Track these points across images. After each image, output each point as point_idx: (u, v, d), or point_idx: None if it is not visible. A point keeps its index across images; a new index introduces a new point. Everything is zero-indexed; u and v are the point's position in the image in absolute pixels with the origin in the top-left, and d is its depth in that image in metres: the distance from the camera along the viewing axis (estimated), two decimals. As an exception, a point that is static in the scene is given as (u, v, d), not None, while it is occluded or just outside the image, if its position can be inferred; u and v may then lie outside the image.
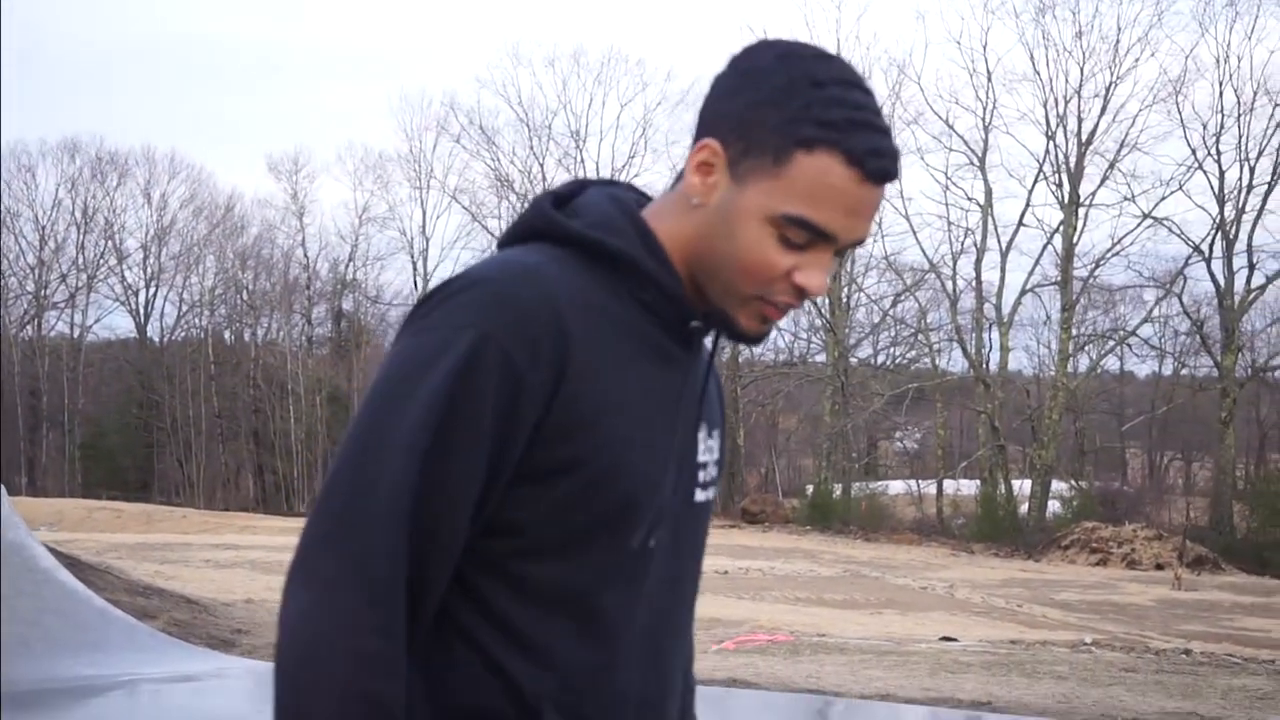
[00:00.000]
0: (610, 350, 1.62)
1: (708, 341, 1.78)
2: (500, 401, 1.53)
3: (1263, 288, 42.20)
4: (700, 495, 1.77)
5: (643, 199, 1.76)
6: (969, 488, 44.58)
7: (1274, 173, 41.46)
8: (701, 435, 1.78)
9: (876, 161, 1.60)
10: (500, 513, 1.58)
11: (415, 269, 49.99)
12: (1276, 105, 41.41)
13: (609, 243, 1.65)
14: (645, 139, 49.52)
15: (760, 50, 1.66)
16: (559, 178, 49.11)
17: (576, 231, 1.65)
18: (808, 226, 1.59)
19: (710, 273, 1.67)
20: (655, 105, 49.70)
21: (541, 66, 58.32)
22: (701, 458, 1.77)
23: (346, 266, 55.81)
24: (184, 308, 55.80)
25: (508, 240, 1.70)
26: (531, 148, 49.02)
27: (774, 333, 1.52)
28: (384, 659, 1.49)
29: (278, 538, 27.24)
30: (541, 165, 48.96)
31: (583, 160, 48.99)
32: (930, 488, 45.93)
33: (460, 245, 50.95)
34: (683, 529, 1.74)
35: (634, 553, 1.65)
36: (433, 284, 1.62)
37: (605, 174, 49.10)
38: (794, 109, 1.59)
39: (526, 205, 1.73)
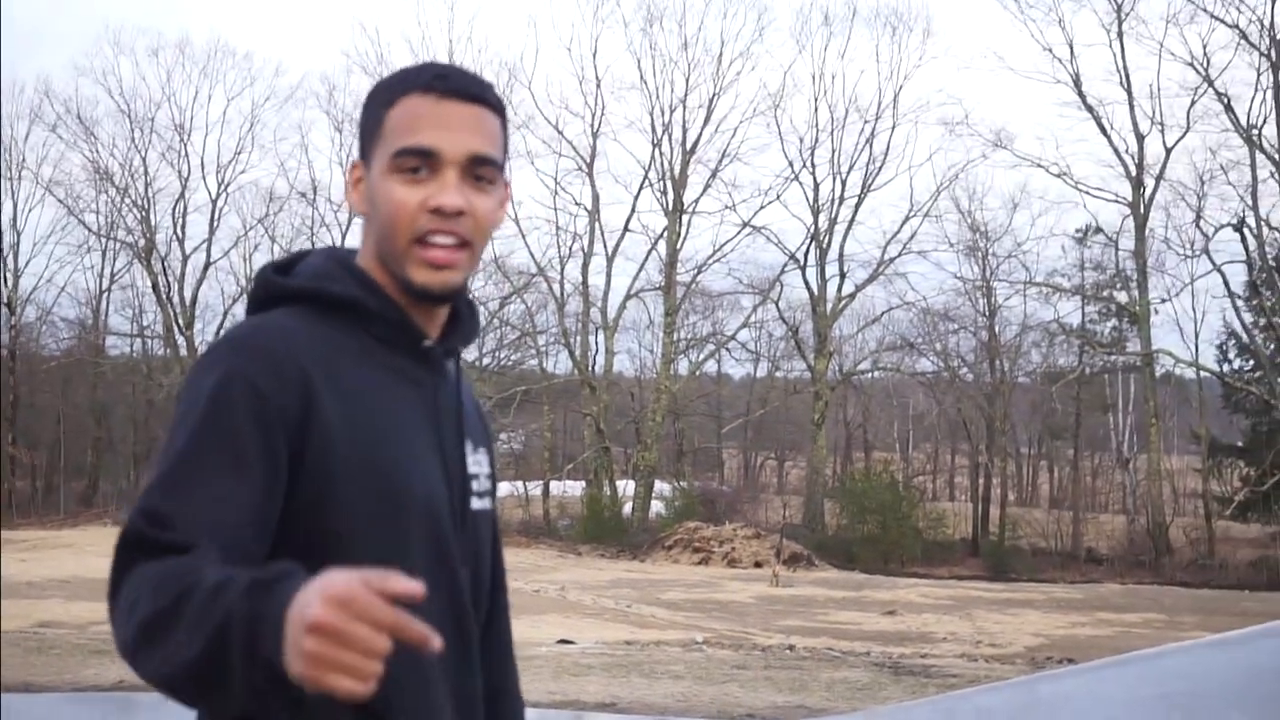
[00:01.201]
0: (356, 381, 1.79)
1: (452, 364, 1.97)
2: (254, 422, 1.68)
3: (852, 295, 44.31)
4: (477, 504, 1.94)
5: (354, 252, 1.95)
6: (575, 489, 45.08)
7: (863, 186, 43.71)
8: (468, 449, 1.95)
9: (443, 83, 1.84)
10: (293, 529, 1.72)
11: (4, 264, 46.91)
12: (866, 122, 43.67)
13: (328, 290, 1.83)
14: (253, 135, 47.85)
15: None
16: (162, 171, 47.04)
17: (297, 287, 1.84)
18: (409, 151, 1.81)
19: (384, 256, 1.85)
20: (264, 100, 47.96)
21: (145, 56, 56.00)
22: (471, 470, 1.95)
23: (-80, 259, 51.91)
24: None
25: (247, 312, 1.88)
26: (133, 140, 46.72)
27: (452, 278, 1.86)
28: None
29: None
30: (144, 159, 46.74)
31: (187, 155, 47.04)
32: (537, 490, 46.23)
33: (55, 240, 48.19)
34: (465, 538, 1.90)
35: (417, 563, 1.75)
36: None
37: (210, 169, 47.50)
38: (377, 92, 1.89)
39: (254, 277, 1.92)
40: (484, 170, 1.84)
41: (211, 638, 1.44)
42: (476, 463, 1.97)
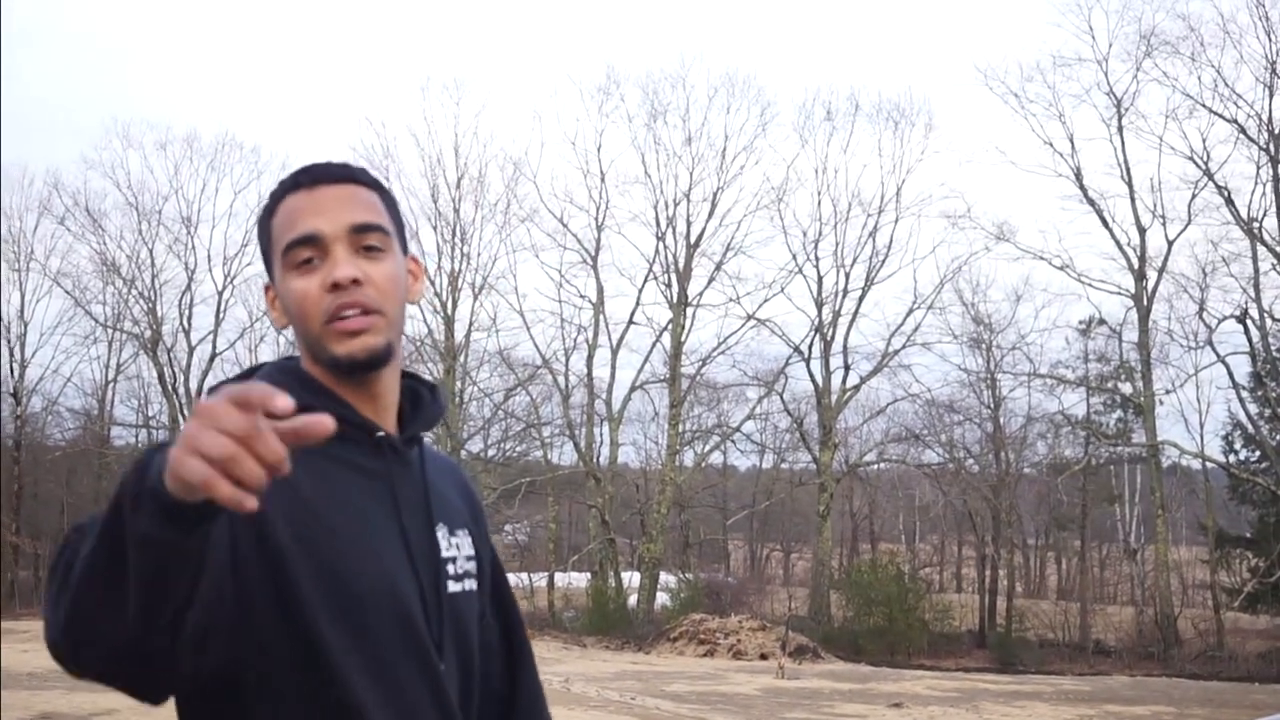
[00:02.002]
0: (308, 480, 1.77)
1: (416, 452, 1.99)
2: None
3: (857, 387, 44.36)
4: (454, 586, 1.95)
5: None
6: (580, 580, 44.92)
7: (867, 279, 43.86)
8: (442, 533, 1.97)
9: (308, 174, 1.94)
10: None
11: (11, 354, 47.11)
12: (869, 215, 43.95)
13: None
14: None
15: None
16: (169, 263, 47.32)
17: None
18: (294, 243, 1.87)
19: (310, 353, 1.91)
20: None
21: (153, 149, 56.29)
22: (447, 553, 1.96)
23: (-66, 349, 52.09)
24: None
25: None
26: (140, 232, 47.09)
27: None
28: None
29: None
30: (150, 250, 47.07)
31: (194, 247, 47.40)
32: (541, 580, 46.07)
33: (61, 330, 48.35)
34: (446, 626, 1.91)
35: (386, 657, 1.80)
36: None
37: (217, 261, 47.79)
38: (263, 211, 1.98)
39: None
40: (370, 238, 1.89)
41: (106, 520, 1.45)
42: (455, 545, 1.98)
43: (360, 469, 1.88)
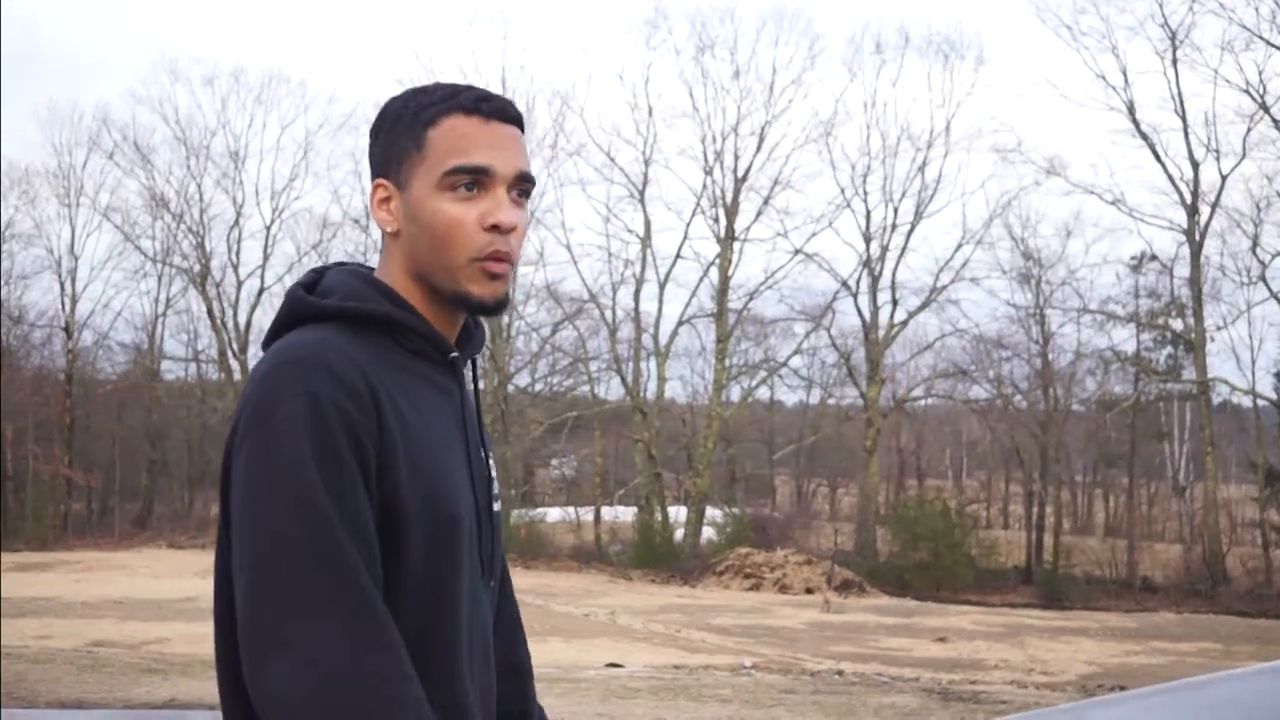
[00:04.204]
0: (402, 393, 1.83)
1: (468, 371, 2.03)
2: (349, 440, 1.72)
3: (905, 322, 44.18)
4: (495, 505, 2.04)
5: (371, 269, 2.00)
6: (626, 515, 45.07)
7: (916, 213, 43.53)
8: (483, 454, 2.02)
9: (488, 104, 1.90)
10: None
11: (63, 289, 47.47)
12: (918, 150, 43.56)
13: (365, 308, 1.87)
14: (306, 162, 48.58)
15: (380, 109, 1.99)
16: (217, 198, 47.51)
17: (335, 307, 1.87)
18: (462, 169, 1.86)
19: (430, 272, 1.89)
20: (317, 128, 48.68)
21: (200, 84, 56.26)
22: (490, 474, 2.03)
23: (-13, 285, 52.58)
24: None
25: (276, 331, 1.90)
26: (189, 167, 47.25)
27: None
28: (419, 700, 1.71)
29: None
30: (199, 185, 47.26)
31: (242, 182, 47.52)
32: (588, 515, 46.25)
33: (111, 265, 48.63)
34: (487, 537, 1.98)
35: (464, 581, 1.88)
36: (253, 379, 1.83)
37: (265, 196, 47.93)
38: (412, 110, 1.92)
39: (285, 297, 1.93)
40: (525, 187, 1.92)
41: None
42: (490, 465, 2.04)
43: (437, 387, 1.93)
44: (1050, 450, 44.10)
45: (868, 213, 43.83)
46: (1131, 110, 40.78)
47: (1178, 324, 43.43)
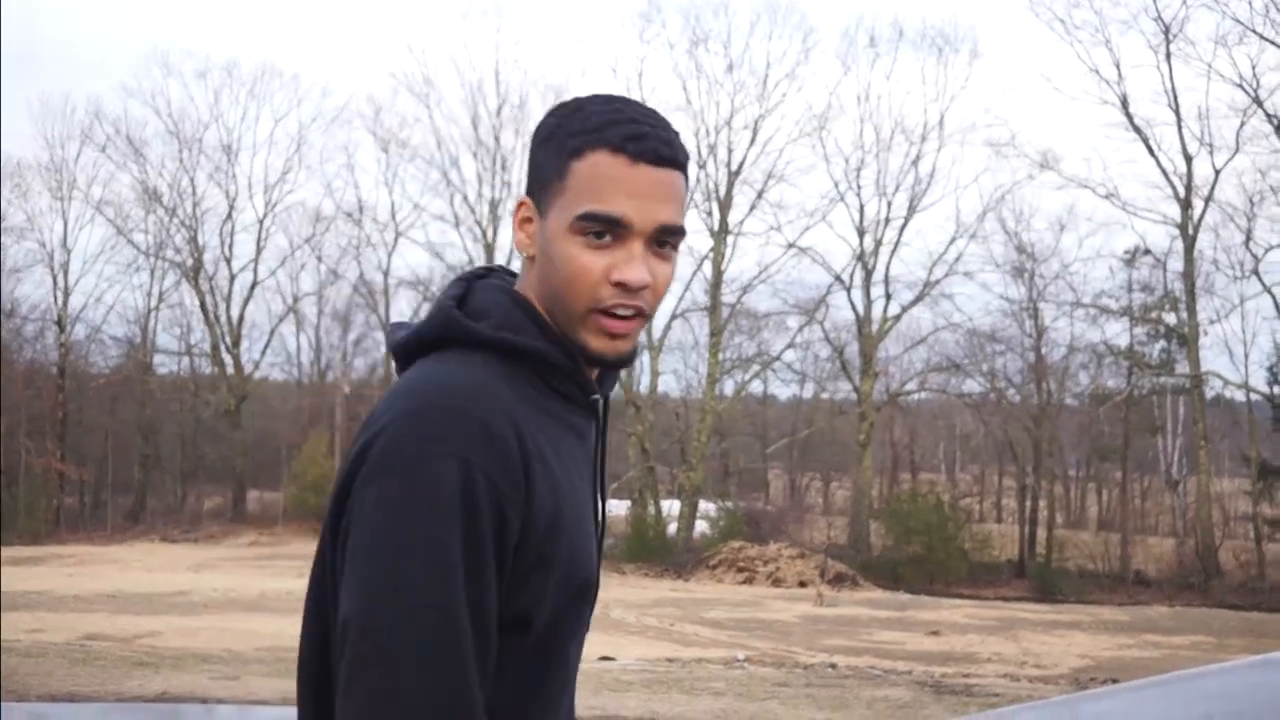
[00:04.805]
0: (549, 444, 1.72)
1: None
2: (494, 521, 1.61)
3: (898, 316, 44.21)
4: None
5: (513, 277, 1.88)
6: (620, 508, 45.06)
7: (909, 207, 43.58)
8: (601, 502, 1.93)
9: (638, 145, 1.72)
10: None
11: (55, 283, 47.44)
12: (911, 143, 43.58)
13: (521, 344, 1.75)
14: (299, 155, 48.35)
15: (544, 115, 1.83)
16: (210, 192, 47.46)
17: (492, 338, 1.75)
18: (596, 217, 1.71)
19: (554, 310, 1.77)
20: (311, 121, 48.63)
21: (192, 77, 56.37)
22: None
23: (-23, 278, 52.44)
24: None
25: (422, 348, 1.78)
26: (181, 160, 47.29)
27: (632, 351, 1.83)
28: None
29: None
30: (192, 179, 47.28)
31: (234, 175, 47.54)
32: (582, 509, 46.12)
33: (104, 259, 48.65)
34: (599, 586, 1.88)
35: (583, 622, 1.81)
36: (385, 412, 1.70)
37: (258, 189, 47.90)
38: (562, 132, 1.76)
39: (433, 311, 1.80)
40: (668, 239, 1.77)
41: None
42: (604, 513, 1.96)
43: (576, 431, 1.81)
44: (1043, 444, 44.14)
45: (861, 206, 43.92)
46: (1125, 104, 40.85)
47: (1171, 318, 43.49)
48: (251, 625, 18.32)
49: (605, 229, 1.72)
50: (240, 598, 22.94)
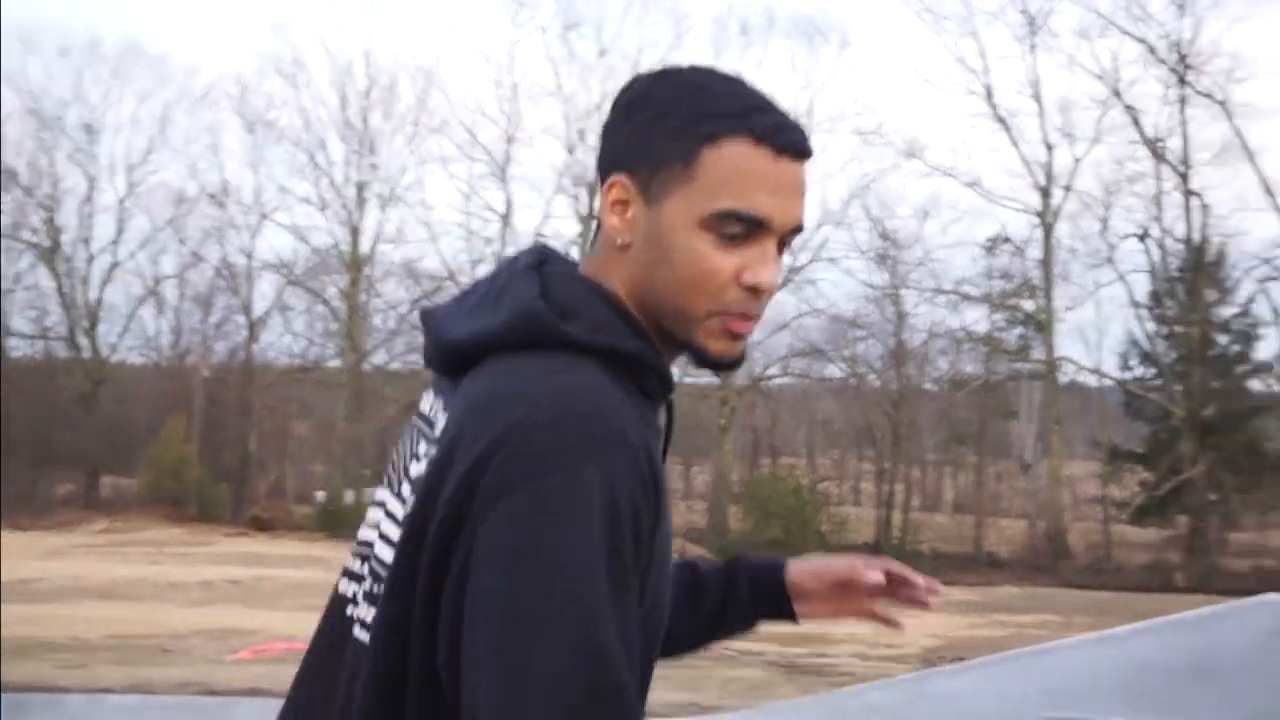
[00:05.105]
0: (656, 455, 1.59)
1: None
2: (633, 539, 1.47)
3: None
4: None
5: (570, 260, 1.75)
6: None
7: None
8: None
9: (784, 136, 1.60)
10: None
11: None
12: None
13: (621, 347, 1.60)
14: (164, 136, 47.34)
15: (636, 81, 1.72)
16: (69, 172, 46.27)
17: (588, 342, 1.58)
18: (738, 216, 1.57)
19: (659, 307, 1.63)
20: (176, 101, 47.42)
21: (54, 55, 54.71)
22: None
23: None
24: None
25: (505, 346, 1.60)
26: (40, 140, 46.11)
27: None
28: None
29: None
30: (51, 159, 46.13)
31: (96, 156, 46.42)
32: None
33: (-44, 244, 47.09)
34: None
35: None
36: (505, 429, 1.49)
37: (120, 170, 46.82)
38: (687, 111, 1.59)
39: (516, 309, 1.63)
40: (793, 238, 1.67)
41: None
42: None
43: (657, 432, 1.69)
44: (902, 428, 44.74)
45: (734, 194, 43.92)
46: (990, 95, 41.43)
47: (1029, 305, 44.31)
48: (101, 613, 17.92)
49: (742, 228, 1.58)
50: (90, 585, 22.43)
